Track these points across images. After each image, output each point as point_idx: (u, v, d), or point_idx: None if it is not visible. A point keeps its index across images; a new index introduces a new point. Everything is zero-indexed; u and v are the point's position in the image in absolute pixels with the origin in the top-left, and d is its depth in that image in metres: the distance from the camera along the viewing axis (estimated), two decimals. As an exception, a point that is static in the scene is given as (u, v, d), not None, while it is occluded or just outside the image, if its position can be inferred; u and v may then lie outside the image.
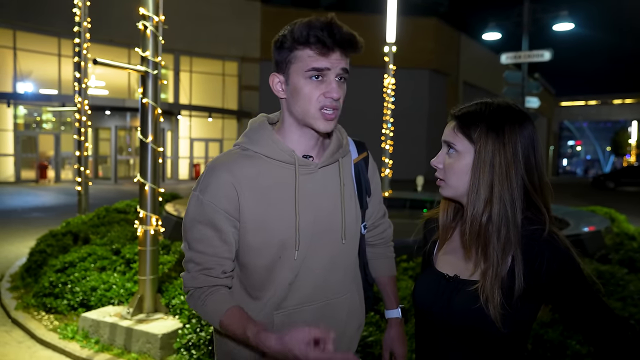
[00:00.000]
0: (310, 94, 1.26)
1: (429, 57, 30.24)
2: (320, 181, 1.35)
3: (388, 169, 10.51)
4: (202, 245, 1.29)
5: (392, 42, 9.75)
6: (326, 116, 1.27)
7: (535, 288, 1.11)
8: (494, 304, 1.10)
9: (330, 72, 1.25)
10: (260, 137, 1.33)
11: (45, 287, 4.41)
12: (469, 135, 1.17)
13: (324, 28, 1.22)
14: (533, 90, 12.96)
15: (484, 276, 1.13)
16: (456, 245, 1.28)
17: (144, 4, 3.70)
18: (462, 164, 1.19)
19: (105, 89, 22.56)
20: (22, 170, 20.27)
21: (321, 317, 1.35)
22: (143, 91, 3.78)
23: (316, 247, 1.33)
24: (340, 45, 1.24)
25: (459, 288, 1.19)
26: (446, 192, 1.24)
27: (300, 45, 1.24)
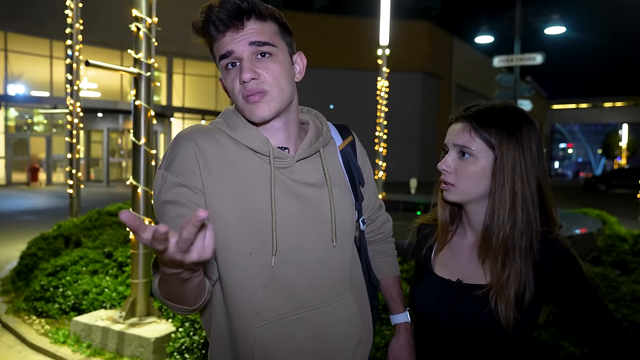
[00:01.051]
0: (231, 86, 1.14)
1: (422, 60, 30.38)
2: (300, 176, 1.18)
3: (382, 171, 10.53)
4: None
5: (385, 45, 9.77)
6: (250, 100, 1.12)
7: (542, 290, 1.11)
8: (508, 309, 1.08)
9: (242, 54, 1.11)
10: (235, 122, 1.19)
11: (36, 290, 4.37)
12: (486, 139, 1.14)
13: (209, 11, 1.11)
14: (525, 93, 13.03)
15: (500, 281, 1.10)
16: (457, 249, 1.25)
17: (137, 6, 3.69)
18: (479, 168, 1.15)
19: (98, 91, 22.44)
20: (13, 173, 20.09)
21: (310, 328, 1.16)
22: (136, 93, 3.76)
23: (299, 249, 1.15)
24: (229, 22, 1.11)
25: (464, 293, 1.17)
26: (455, 197, 1.19)
27: (205, 38, 1.15)
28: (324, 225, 1.19)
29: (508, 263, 1.11)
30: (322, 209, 1.19)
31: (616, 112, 59.53)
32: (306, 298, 1.16)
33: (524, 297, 1.09)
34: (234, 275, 1.13)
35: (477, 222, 1.21)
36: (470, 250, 1.23)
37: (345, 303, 1.23)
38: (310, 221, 1.17)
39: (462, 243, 1.26)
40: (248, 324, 1.13)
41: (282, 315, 1.13)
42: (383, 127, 10.42)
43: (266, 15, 1.14)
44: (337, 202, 1.21)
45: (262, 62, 1.12)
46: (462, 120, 1.18)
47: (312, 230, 1.17)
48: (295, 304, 1.14)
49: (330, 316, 1.19)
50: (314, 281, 1.17)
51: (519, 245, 1.11)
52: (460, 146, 1.17)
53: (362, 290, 1.33)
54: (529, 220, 1.12)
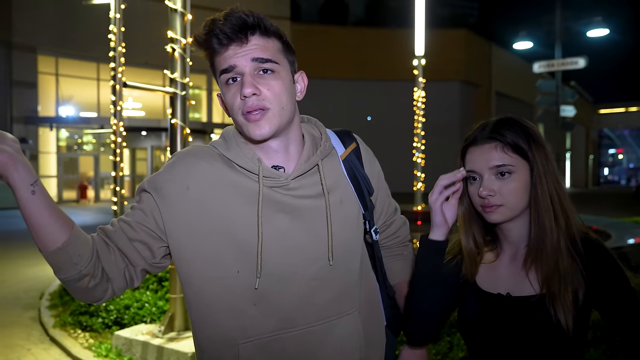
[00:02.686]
0: (232, 102, 1.12)
1: (459, 68, 29.96)
2: (297, 192, 1.15)
3: (420, 182, 10.38)
4: (130, 216, 1.16)
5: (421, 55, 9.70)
6: (250, 118, 1.09)
7: (589, 291, 1.13)
8: (567, 313, 1.10)
9: (244, 69, 1.10)
10: (232, 141, 1.18)
11: (81, 305, 4.51)
12: (520, 152, 1.16)
13: (213, 25, 1.10)
14: (568, 98, 12.61)
15: (555, 287, 1.12)
16: (495, 266, 1.25)
17: (172, 27, 3.80)
18: (522, 183, 1.16)
19: (142, 110, 23.26)
20: (64, 191, 21.01)
21: (303, 346, 1.11)
22: (172, 112, 3.86)
23: (291, 268, 1.11)
24: (231, 38, 1.10)
25: (517, 305, 1.17)
26: (504, 216, 1.18)
27: (206, 52, 1.15)
28: (320, 243, 1.15)
29: (561, 267, 1.12)
30: (318, 227, 1.15)
31: (669, 115, 56.72)
32: (299, 316, 1.12)
33: (577, 298, 1.11)
34: (221, 294, 1.12)
35: (515, 236, 1.22)
36: (510, 263, 1.23)
37: (347, 320, 1.17)
38: (304, 240, 1.14)
39: (500, 258, 1.25)
40: (233, 340, 1.11)
41: (272, 333, 1.10)
42: (421, 138, 10.29)
43: (271, 31, 1.13)
44: (336, 217, 1.17)
45: (264, 78, 1.10)
46: (488, 141, 1.18)
47: (306, 250, 1.14)
48: (287, 322, 1.11)
49: (327, 334, 1.14)
50: (309, 300, 1.13)
51: (566, 248, 1.14)
52: (499, 167, 1.16)
53: (374, 305, 1.27)
54: (568, 222, 1.16)
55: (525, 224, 1.20)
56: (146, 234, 1.14)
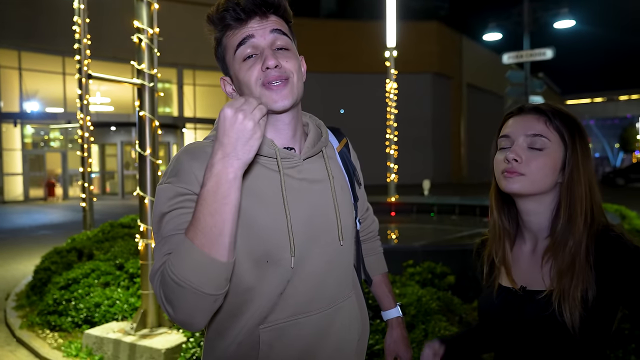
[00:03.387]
0: (249, 73, 1.11)
1: (431, 60, 30.24)
2: (307, 175, 1.17)
3: (394, 174, 10.45)
4: (172, 226, 1.02)
5: (392, 47, 9.73)
6: (272, 88, 1.10)
7: (606, 288, 1.08)
8: (574, 310, 1.06)
9: (261, 41, 1.11)
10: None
11: (49, 304, 4.39)
12: (561, 132, 1.15)
13: (229, 1, 1.11)
14: (536, 89, 12.87)
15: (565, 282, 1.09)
16: (517, 256, 1.23)
17: (138, 17, 3.70)
18: (553, 161, 1.14)
19: (111, 105, 22.73)
20: (31, 189, 20.41)
21: (317, 330, 1.15)
22: (140, 104, 3.76)
23: (311, 251, 1.13)
24: (253, 11, 1.11)
25: (529, 299, 1.16)
26: (521, 186, 1.14)
27: (220, 32, 1.14)
28: (332, 225, 1.18)
29: (577, 264, 1.09)
30: (328, 209, 1.18)
31: (632, 105, 58.57)
32: (316, 300, 1.15)
33: (587, 298, 1.07)
34: (251, 284, 1.10)
35: (535, 223, 1.19)
36: (530, 255, 1.21)
37: (349, 303, 1.23)
38: (319, 222, 1.16)
39: (521, 249, 1.24)
40: (254, 325, 1.11)
41: (291, 318, 1.12)
42: (393, 130, 10.36)
43: (288, 14, 1.17)
44: (340, 201, 1.21)
45: (281, 53, 1.12)
46: (533, 113, 1.17)
47: (322, 232, 1.16)
48: (306, 307, 1.13)
49: (336, 317, 1.18)
50: (325, 283, 1.16)
51: (586, 245, 1.10)
52: (535, 135, 1.14)
53: (359, 290, 1.33)
54: (595, 217, 1.14)
55: (548, 211, 1.18)
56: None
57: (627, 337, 2.79)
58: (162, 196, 1.07)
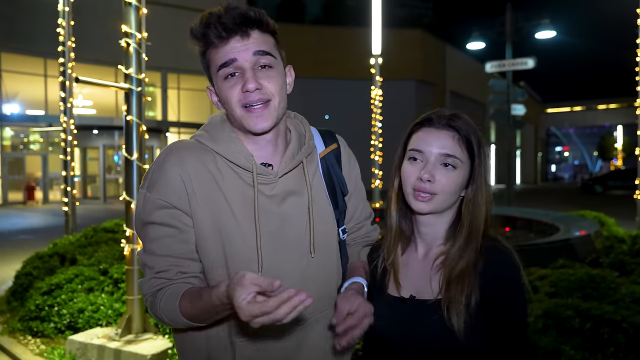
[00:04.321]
0: (229, 94, 1.13)
1: (415, 67, 30.53)
2: (283, 190, 1.18)
3: (378, 180, 10.53)
4: (155, 246, 1.13)
5: (378, 54, 9.82)
6: (252, 110, 1.12)
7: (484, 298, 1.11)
8: (459, 316, 1.08)
9: (243, 64, 1.11)
10: (220, 135, 1.18)
11: (31, 310, 4.32)
12: (471, 149, 1.17)
13: (211, 17, 1.11)
14: (518, 97, 13.10)
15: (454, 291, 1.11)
16: (409, 262, 1.23)
17: (126, 22, 3.69)
18: (460, 180, 1.16)
19: (93, 108, 22.47)
20: (9, 192, 20.01)
21: (292, 342, 1.17)
22: (127, 108, 3.75)
23: (282, 264, 1.15)
24: (234, 29, 1.10)
25: (419, 309, 1.15)
26: (434, 208, 1.17)
27: (204, 47, 1.15)
28: (304, 237, 1.19)
29: (466, 272, 1.12)
30: (301, 221, 1.19)
31: (610, 114, 59.82)
32: None
33: (470, 303, 1.10)
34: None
35: (431, 234, 1.22)
36: (421, 263, 1.22)
37: (327, 315, 1.21)
38: (290, 235, 1.17)
39: (412, 255, 1.24)
40: (228, 339, 1.14)
41: (266, 330, 1.10)
42: (378, 136, 10.44)
43: (270, 27, 1.16)
44: (316, 212, 1.21)
45: (264, 72, 1.13)
46: (448, 129, 1.17)
47: (292, 244, 1.17)
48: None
49: (311, 330, 1.19)
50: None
51: (475, 254, 1.14)
52: (449, 157, 1.15)
53: None
54: (487, 227, 1.18)
55: (445, 222, 1.20)
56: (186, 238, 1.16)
57: (606, 341, 2.87)
58: (143, 205, 1.14)
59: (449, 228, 1.21)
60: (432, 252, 1.21)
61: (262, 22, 1.13)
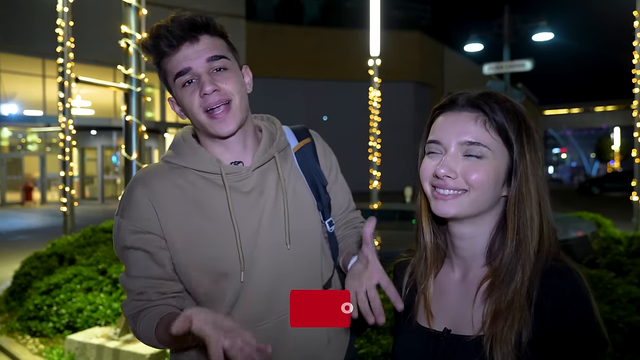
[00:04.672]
0: (190, 100, 1.14)
1: (413, 69, 30.61)
2: (258, 185, 1.19)
3: (376, 181, 10.55)
4: (133, 269, 1.17)
5: (376, 55, 9.86)
6: (215, 116, 1.13)
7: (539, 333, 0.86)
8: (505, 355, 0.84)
9: (198, 69, 1.12)
10: (183, 149, 1.21)
11: (29, 310, 4.32)
12: (505, 134, 0.90)
13: (159, 29, 1.12)
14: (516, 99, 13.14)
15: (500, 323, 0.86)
16: (443, 287, 1.00)
17: (126, 22, 3.71)
18: (494, 173, 0.89)
19: (91, 109, 22.44)
20: (7, 193, 19.99)
21: (275, 336, 1.16)
22: (127, 109, 3.76)
23: (260, 260, 1.16)
24: (183, 36, 1.12)
25: (455, 346, 0.92)
26: (462, 211, 0.90)
27: (157, 58, 1.16)
28: (280, 231, 1.19)
29: (517, 303, 0.86)
30: (278, 214, 1.20)
31: (607, 116, 60.02)
32: (271, 307, 1.17)
33: (521, 341, 0.85)
34: (204, 298, 1.18)
35: (469, 249, 0.96)
36: (459, 288, 0.98)
37: None
38: (268, 230, 1.19)
39: (448, 277, 1.00)
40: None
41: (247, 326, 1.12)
42: (376, 137, 10.47)
43: (218, 31, 1.17)
44: (292, 205, 1.21)
45: (220, 75, 1.14)
46: (469, 109, 0.91)
47: (270, 239, 1.18)
48: (261, 315, 1.17)
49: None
50: (278, 290, 1.18)
51: (531, 276, 0.87)
52: (471, 144, 0.89)
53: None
54: (550, 240, 0.90)
55: (486, 233, 0.94)
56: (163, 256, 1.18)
57: (603, 340, 2.89)
58: (117, 231, 1.18)
59: (491, 242, 0.94)
60: (472, 273, 0.96)
61: (209, 26, 1.14)
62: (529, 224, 0.88)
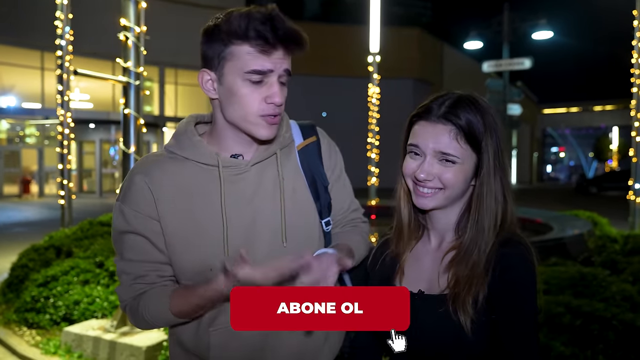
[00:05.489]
0: (249, 99, 1.12)
1: (412, 66, 30.57)
2: (255, 180, 1.20)
3: (375, 177, 10.56)
4: (132, 254, 1.17)
5: (376, 52, 9.85)
6: (269, 121, 1.14)
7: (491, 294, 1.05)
8: (465, 315, 1.03)
9: (274, 77, 1.11)
10: (185, 141, 1.21)
11: (26, 302, 4.34)
12: (474, 143, 1.08)
13: (265, 21, 1.07)
14: (515, 97, 13.16)
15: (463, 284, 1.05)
16: (420, 256, 1.19)
17: (125, 15, 3.71)
18: (464, 174, 1.09)
19: (90, 102, 22.39)
20: (5, 185, 19.97)
21: (270, 334, 1.17)
22: (125, 102, 3.77)
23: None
24: (283, 42, 1.10)
25: (428, 305, 1.09)
26: (437, 203, 1.11)
27: (237, 40, 1.09)
28: (276, 228, 1.20)
29: (476, 272, 1.05)
30: (274, 211, 1.20)
31: (606, 116, 60.06)
32: None
33: (477, 301, 1.04)
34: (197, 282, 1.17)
35: (442, 224, 1.17)
36: (433, 256, 1.17)
37: None
38: (264, 226, 1.19)
39: (425, 249, 1.19)
40: (204, 327, 1.17)
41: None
42: (375, 134, 10.47)
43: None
44: (289, 203, 1.21)
45: (283, 88, 1.16)
46: (441, 121, 1.09)
47: (266, 236, 1.19)
48: None
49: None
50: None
51: (488, 252, 1.07)
52: (445, 154, 1.08)
53: None
54: (504, 224, 1.10)
55: (456, 213, 1.15)
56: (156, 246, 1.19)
57: (596, 337, 2.91)
58: (119, 216, 1.19)
59: (460, 219, 1.15)
60: (445, 243, 1.16)
61: (304, 46, 1.14)
62: (487, 212, 1.08)
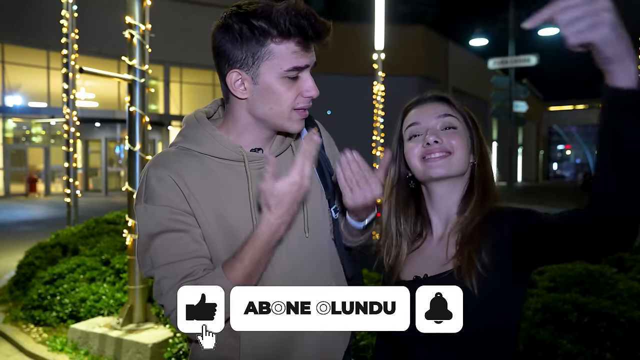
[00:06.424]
0: (286, 96, 1.11)
1: (418, 64, 30.45)
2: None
3: (379, 175, 10.57)
4: (170, 255, 1.09)
5: (380, 49, 9.82)
6: (301, 115, 1.16)
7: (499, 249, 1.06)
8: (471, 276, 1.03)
9: (308, 72, 1.13)
10: (201, 135, 1.17)
11: (33, 299, 4.36)
12: (464, 115, 1.20)
13: (303, 17, 1.07)
14: (520, 94, 13.11)
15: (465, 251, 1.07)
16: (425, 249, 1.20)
17: (130, 13, 3.71)
18: (465, 141, 1.17)
19: (95, 101, 22.48)
20: (12, 184, 20.08)
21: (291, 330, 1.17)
22: (130, 100, 3.77)
23: (280, 249, 1.14)
24: (320, 37, 1.11)
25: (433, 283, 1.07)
26: (449, 170, 1.13)
27: (277, 38, 1.07)
28: (299, 218, 1.19)
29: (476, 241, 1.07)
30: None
31: (613, 113, 59.53)
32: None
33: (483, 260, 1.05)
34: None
35: (445, 207, 1.18)
36: (438, 242, 1.18)
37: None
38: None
39: (428, 244, 1.20)
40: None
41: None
42: (380, 131, 10.45)
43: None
44: (307, 193, 1.20)
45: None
46: (435, 100, 1.21)
47: (289, 227, 1.16)
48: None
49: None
50: (296, 277, 1.17)
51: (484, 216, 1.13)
52: (446, 115, 1.16)
53: (345, 280, 1.31)
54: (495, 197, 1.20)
55: (459, 194, 1.18)
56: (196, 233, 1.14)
57: (603, 335, 2.90)
58: (145, 218, 1.11)
59: (462, 199, 1.18)
60: (448, 229, 1.17)
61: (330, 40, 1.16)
62: (489, 181, 1.17)
